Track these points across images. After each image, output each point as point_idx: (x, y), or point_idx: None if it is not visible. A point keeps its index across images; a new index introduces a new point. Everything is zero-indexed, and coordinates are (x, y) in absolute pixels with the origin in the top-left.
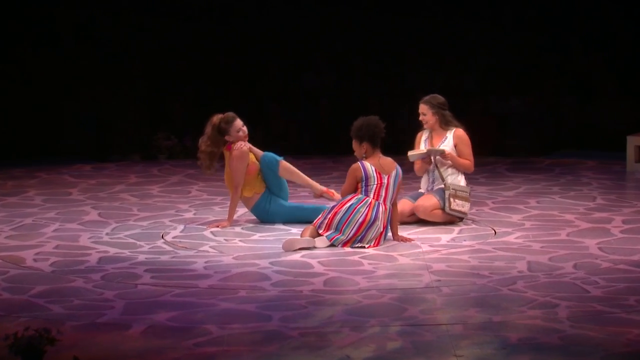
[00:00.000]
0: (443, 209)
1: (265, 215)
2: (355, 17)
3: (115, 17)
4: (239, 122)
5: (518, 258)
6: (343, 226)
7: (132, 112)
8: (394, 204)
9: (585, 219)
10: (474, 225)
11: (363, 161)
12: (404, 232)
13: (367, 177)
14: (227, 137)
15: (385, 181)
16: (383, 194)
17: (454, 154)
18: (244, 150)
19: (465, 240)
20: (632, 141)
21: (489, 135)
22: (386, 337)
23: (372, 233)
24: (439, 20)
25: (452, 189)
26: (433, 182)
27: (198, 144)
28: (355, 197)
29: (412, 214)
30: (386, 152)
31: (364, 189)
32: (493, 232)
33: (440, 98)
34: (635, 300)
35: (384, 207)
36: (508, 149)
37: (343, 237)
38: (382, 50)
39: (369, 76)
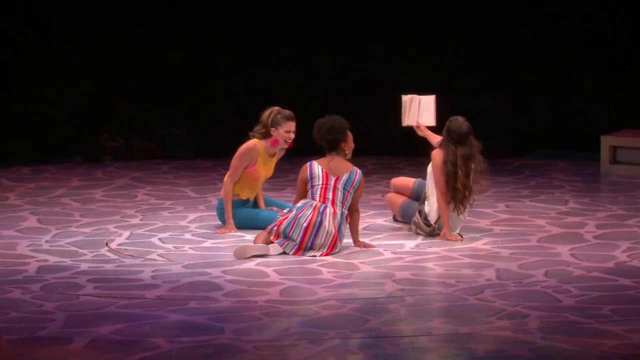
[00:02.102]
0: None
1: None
2: (314, 6)
3: (56, 9)
4: (292, 126)
5: (486, 265)
6: (290, 231)
7: (74, 110)
8: (355, 210)
9: (557, 223)
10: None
11: (313, 161)
12: (365, 238)
13: (312, 177)
14: (272, 131)
15: (332, 183)
16: (330, 197)
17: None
18: (252, 148)
19: (430, 247)
20: (606, 141)
21: None
22: (346, 350)
23: (321, 238)
24: (405, 11)
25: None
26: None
27: (251, 132)
28: (302, 200)
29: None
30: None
31: (310, 190)
32: (460, 238)
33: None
34: (610, 310)
35: (332, 210)
36: None
37: (293, 243)
38: (344, 42)
39: (330, 71)
